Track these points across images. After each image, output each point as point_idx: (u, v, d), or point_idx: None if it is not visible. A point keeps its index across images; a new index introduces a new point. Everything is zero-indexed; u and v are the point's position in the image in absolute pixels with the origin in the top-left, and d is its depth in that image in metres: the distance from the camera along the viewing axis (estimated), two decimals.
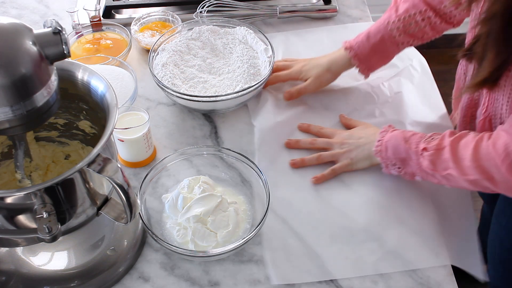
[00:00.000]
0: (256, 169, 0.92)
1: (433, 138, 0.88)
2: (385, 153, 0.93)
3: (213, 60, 1.13)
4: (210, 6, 1.25)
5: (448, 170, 0.85)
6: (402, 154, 0.91)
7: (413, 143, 0.90)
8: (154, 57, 1.10)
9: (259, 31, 1.15)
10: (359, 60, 1.07)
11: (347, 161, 0.98)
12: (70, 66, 0.78)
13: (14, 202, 0.69)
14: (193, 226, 0.86)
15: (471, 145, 0.83)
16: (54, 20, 0.67)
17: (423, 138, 0.90)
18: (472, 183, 0.84)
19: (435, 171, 0.87)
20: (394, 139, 0.92)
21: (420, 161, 0.88)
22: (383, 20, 1.05)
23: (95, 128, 0.85)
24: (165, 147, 1.05)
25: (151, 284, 0.86)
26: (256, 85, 1.04)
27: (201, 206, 0.87)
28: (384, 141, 0.94)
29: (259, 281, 0.86)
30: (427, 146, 0.88)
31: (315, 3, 1.33)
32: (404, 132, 0.93)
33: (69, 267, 0.86)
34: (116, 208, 0.78)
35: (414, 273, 0.87)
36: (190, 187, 0.91)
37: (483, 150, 0.82)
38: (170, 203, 0.90)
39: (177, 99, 1.05)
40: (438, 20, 1.02)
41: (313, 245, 0.89)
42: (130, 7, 1.32)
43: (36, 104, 0.65)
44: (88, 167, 0.68)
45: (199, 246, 0.86)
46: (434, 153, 0.86)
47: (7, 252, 0.86)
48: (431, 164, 0.87)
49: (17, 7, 1.36)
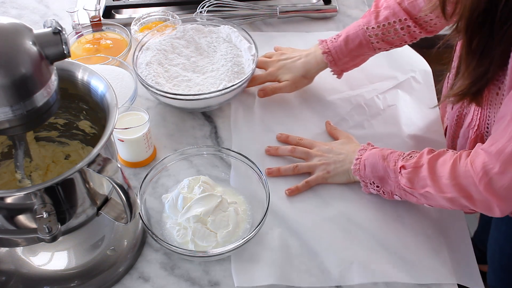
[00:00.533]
0: (256, 169, 0.92)
1: (412, 156, 0.87)
2: (363, 171, 0.92)
3: (197, 59, 1.14)
4: (210, 6, 1.25)
5: (426, 188, 0.84)
6: (380, 172, 0.90)
7: (391, 161, 0.88)
8: (138, 56, 1.10)
9: (243, 30, 1.15)
10: (336, 64, 1.07)
11: (322, 173, 0.96)
12: (70, 66, 0.78)
13: (14, 202, 0.69)
14: (193, 226, 0.86)
15: (449, 163, 0.82)
16: (54, 20, 0.67)
17: (402, 156, 0.88)
18: (450, 201, 0.82)
19: (413, 189, 0.86)
20: (372, 157, 0.91)
21: (398, 179, 0.87)
22: (362, 24, 1.04)
23: (95, 128, 0.85)
24: (165, 147, 1.05)
25: (151, 284, 0.86)
26: (239, 83, 1.04)
27: (201, 206, 0.87)
28: (362, 159, 0.92)
29: None
30: (405, 164, 0.86)
31: (315, 3, 1.33)
32: (383, 150, 0.91)
33: (69, 267, 0.86)
34: (116, 208, 0.78)
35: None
36: (190, 187, 0.91)
37: (461, 168, 0.81)
38: (170, 203, 0.90)
39: (160, 97, 1.05)
40: (418, 30, 1.02)
41: (313, 247, 0.89)
42: (130, 7, 1.32)
43: (36, 104, 0.65)
44: (88, 167, 0.68)
45: (199, 246, 0.86)
46: (412, 171, 0.85)
47: (7, 252, 0.86)
48: (409, 182, 0.86)
49: (17, 7, 1.35)
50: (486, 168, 0.77)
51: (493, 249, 1.17)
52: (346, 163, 0.95)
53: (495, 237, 1.15)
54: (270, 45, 1.21)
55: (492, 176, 0.76)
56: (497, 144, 0.76)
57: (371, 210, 0.94)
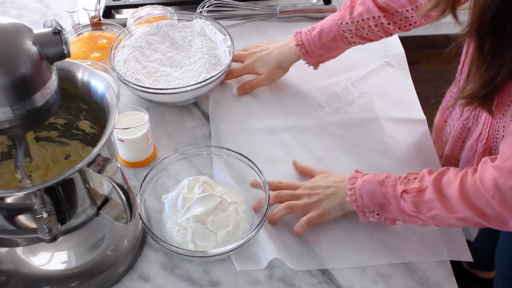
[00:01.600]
0: (256, 169, 0.92)
1: (409, 179, 0.85)
2: (361, 201, 0.87)
3: (174, 54, 1.14)
4: (210, 6, 1.25)
5: (434, 210, 0.82)
6: (380, 200, 0.86)
7: (390, 186, 0.85)
8: (114, 54, 1.10)
9: (216, 22, 1.16)
10: (310, 56, 1.08)
11: (319, 211, 0.90)
12: (70, 66, 0.78)
13: (14, 202, 0.69)
14: (193, 226, 0.86)
15: (456, 182, 0.80)
16: (54, 20, 0.67)
17: (399, 179, 0.86)
18: (463, 220, 0.81)
19: (419, 213, 0.83)
20: (368, 185, 0.87)
21: (401, 205, 0.84)
22: (337, 18, 1.04)
23: (95, 128, 0.85)
24: (165, 147, 1.05)
25: (151, 284, 0.86)
26: (218, 74, 1.05)
27: (201, 206, 0.87)
28: (357, 188, 0.88)
29: (259, 281, 0.86)
30: (406, 188, 0.84)
31: (315, 3, 1.33)
32: (376, 176, 0.88)
33: (69, 267, 0.86)
34: (116, 208, 0.78)
35: (414, 273, 0.87)
36: (190, 187, 0.91)
37: (470, 187, 0.79)
38: (170, 203, 0.90)
39: (141, 93, 1.06)
40: (392, 27, 1.02)
41: (309, 238, 0.90)
42: (130, 7, 1.32)
43: (36, 104, 0.65)
44: (88, 167, 0.68)
45: (199, 246, 0.86)
46: (416, 195, 0.83)
47: (7, 252, 0.86)
48: (414, 207, 0.83)
49: (17, 7, 1.35)
50: (497, 184, 0.75)
51: (502, 258, 1.17)
52: (339, 196, 0.90)
53: (505, 247, 1.15)
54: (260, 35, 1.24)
55: (504, 192, 0.75)
56: (510, 160, 0.75)
57: None
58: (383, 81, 1.17)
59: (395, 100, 1.12)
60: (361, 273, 0.87)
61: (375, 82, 1.16)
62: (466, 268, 1.60)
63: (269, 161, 1.01)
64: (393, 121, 1.09)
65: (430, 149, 1.04)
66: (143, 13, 1.21)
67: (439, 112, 1.13)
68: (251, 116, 1.10)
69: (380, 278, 0.87)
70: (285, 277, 0.87)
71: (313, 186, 0.93)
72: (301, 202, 0.91)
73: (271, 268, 0.87)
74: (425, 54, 2.23)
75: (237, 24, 1.28)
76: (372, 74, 1.18)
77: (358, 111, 1.11)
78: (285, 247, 0.89)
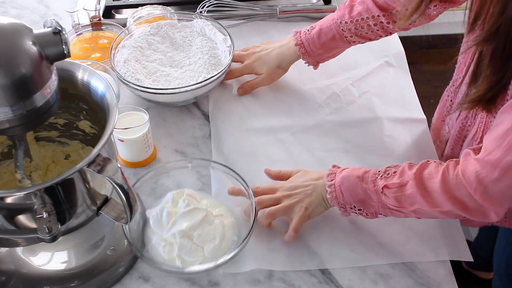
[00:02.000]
0: (242, 182, 0.90)
1: (389, 174, 0.84)
2: (341, 198, 0.86)
3: (174, 54, 1.14)
4: (210, 6, 1.25)
5: (416, 205, 0.82)
6: (360, 196, 0.85)
7: (370, 182, 0.85)
8: (114, 54, 1.11)
9: (216, 22, 1.16)
10: (309, 56, 1.08)
11: (302, 212, 0.89)
12: (70, 66, 0.78)
13: (14, 202, 0.69)
14: (179, 241, 0.84)
15: (438, 177, 0.80)
16: (54, 20, 0.67)
17: (379, 174, 0.85)
18: (445, 213, 0.82)
19: (401, 207, 0.83)
20: (347, 181, 0.86)
21: (382, 200, 0.84)
22: (336, 18, 1.04)
23: (95, 128, 0.85)
24: (165, 147, 1.05)
25: (151, 284, 0.86)
26: (218, 74, 1.05)
27: (186, 221, 0.85)
28: (336, 185, 0.87)
29: (259, 281, 0.86)
30: (387, 183, 0.83)
31: (315, 3, 1.33)
32: (355, 170, 0.87)
33: (69, 267, 0.86)
34: (116, 208, 0.78)
35: (414, 273, 0.88)
36: (174, 201, 0.88)
37: (452, 181, 0.79)
38: (154, 218, 0.87)
39: (141, 93, 1.06)
40: (391, 26, 1.02)
41: (309, 238, 0.90)
42: (130, 7, 1.32)
43: (36, 104, 0.65)
44: (88, 167, 0.68)
45: (186, 262, 0.83)
46: (398, 190, 0.83)
47: (7, 252, 0.86)
48: (396, 202, 0.83)
49: (17, 7, 1.36)
50: (479, 177, 0.76)
51: (500, 258, 1.17)
52: (319, 192, 0.89)
53: (503, 247, 1.15)
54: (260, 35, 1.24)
55: (486, 184, 0.76)
56: (494, 153, 0.74)
57: None
58: (383, 81, 1.17)
59: (395, 100, 1.12)
60: (361, 273, 0.87)
61: (375, 82, 1.17)
62: (465, 268, 1.60)
63: (269, 161, 1.01)
64: (393, 121, 1.09)
65: (430, 148, 1.04)
66: (143, 13, 1.21)
67: (437, 112, 1.13)
68: (251, 116, 1.10)
69: (380, 278, 0.87)
70: (285, 277, 0.87)
71: (291, 187, 0.92)
72: (283, 205, 0.90)
73: (271, 269, 0.87)
74: (425, 54, 2.22)
75: (237, 24, 1.28)
76: (372, 74, 1.18)
77: (358, 111, 1.11)
78: (285, 247, 0.89)
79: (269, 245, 0.89)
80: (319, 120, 1.09)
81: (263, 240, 0.90)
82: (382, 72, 1.19)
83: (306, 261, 0.88)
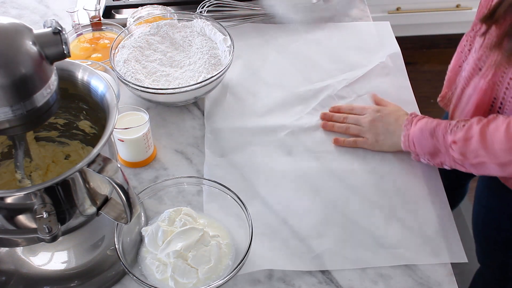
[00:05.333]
0: (239, 201, 0.87)
1: (458, 127, 0.89)
2: (413, 148, 0.96)
3: (174, 54, 1.14)
4: (210, 6, 1.25)
5: (479, 158, 0.86)
6: (430, 149, 0.93)
7: (440, 136, 0.91)
8: (114, 54, 1.11)
9: (216, 22, 1.16)
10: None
11: (372, 141, 1.01)
12: (70, 66, 0.78)
13: (14, 202, 0.69)
14: (173, 262, 0.81)
15: (503, 127, 0.84)
16: (54, 20, 0.67)
17: (449, 128, 0.90)
18: (502, 166, 0.85)
19: (465, 160, 0.88)
20: (420, 134, 0.94)
21: (450, 153, 0.90)
22: None
23: (95, 128, 0.85)
24: (165, 147, 1.05)
25: None
26: (218, 74, 1.05)
27: (182, 240, 0.82)
28: (410, 136, 0.95)
29: (259, 281, 0.86)
30: (455, 139, 0.88)
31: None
32: (427, 124, 0.93)
33: (69, 267, 0.86)
34: (116, 208, 0.78)
35: (414, 273, 0.88)
36: (171, 220, 0.86)
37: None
38: (149, 237, 0.85)
39: (141, 93, 1.06)
40: None
41: (308, 239, 0.90)
42: (130, 7, 1.32)
43: (36, 104, 0.65)
44: (88, 167, 0.68)
45: (179, 284, 0.81)
46: (463, 145, 0.88)
47: (7, 252, 0.86)
48: (461, 156, 0.88)
49: (17, 7, 1.36)
50: None
51: (477, 222, 1.19)
52: (395, 137, 0.99)
53: (477, 211, 1.17)
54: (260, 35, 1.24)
55: None
56: None
57: (356, 196, 0.96)
58: (380, 81, 1.17)
59: (393, 100, 1.12)
60: (361, 273, 0.87)
61: (372, 82, 1.17)
62: None
63: (269, 161, 1.01)
64: None
65: None
66: (143, 13, 1.21)
67: (454, 59, 1.09)
68: (251, 116, 1.10)
69: (380, 278, 0.87)
70: (285, 277, 0.87)
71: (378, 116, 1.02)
72: (358, 127, 1.03)
73: (271, 268, 0.87)
74: (425, 54, 2.22)
75: (237, 24, 1.28)
76: (369, 75, 1.18)
77: None
78: (285, 248, 0.89)
79: (269, 245, 0.89)
80: (319, 120, 1.09)
81: (263, 240, 0.90)
82: (379, 72, 1.19)
83: (307, 261, 0.88)
